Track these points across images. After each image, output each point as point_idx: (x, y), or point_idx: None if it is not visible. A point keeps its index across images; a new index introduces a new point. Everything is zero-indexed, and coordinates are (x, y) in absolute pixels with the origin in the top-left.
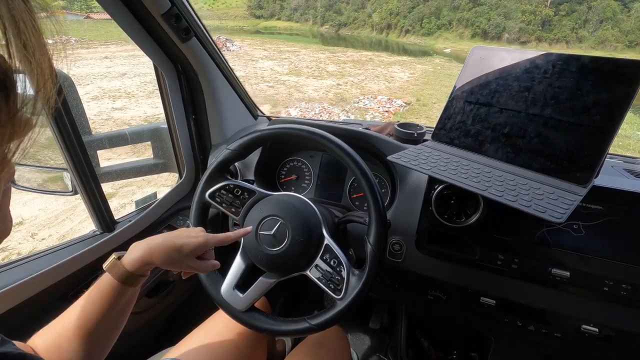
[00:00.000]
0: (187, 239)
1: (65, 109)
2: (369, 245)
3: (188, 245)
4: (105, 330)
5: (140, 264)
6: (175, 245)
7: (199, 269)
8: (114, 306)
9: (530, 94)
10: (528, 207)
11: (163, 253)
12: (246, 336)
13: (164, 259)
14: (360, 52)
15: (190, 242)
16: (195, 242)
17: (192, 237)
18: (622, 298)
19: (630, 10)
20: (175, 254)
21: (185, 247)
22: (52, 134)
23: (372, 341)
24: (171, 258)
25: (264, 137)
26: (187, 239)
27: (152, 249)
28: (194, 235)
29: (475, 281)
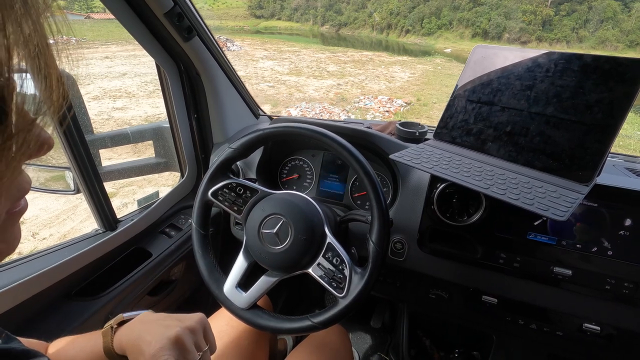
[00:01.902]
0: (154, 350)
1: (68, 108)
2: (371, 243)
3: (144, 354)
4: None
5: (123, 350)
6: (141, 352)
7: None
8: None
9: (532, 92)
10: (530, 205)
11: (134, 353)
12: (248, 334)
13: (131, 358)
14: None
15: (154, 353)
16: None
17: (159, 352)
18: (624, 296)
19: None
20: (135, 356)
21: (142, 354)
22: (55, 133)
23: (373, 340)
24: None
25: (267, 135)
26: (157, 352)
27: (132, 337)
28: (162, 348)
29: (477, 280)
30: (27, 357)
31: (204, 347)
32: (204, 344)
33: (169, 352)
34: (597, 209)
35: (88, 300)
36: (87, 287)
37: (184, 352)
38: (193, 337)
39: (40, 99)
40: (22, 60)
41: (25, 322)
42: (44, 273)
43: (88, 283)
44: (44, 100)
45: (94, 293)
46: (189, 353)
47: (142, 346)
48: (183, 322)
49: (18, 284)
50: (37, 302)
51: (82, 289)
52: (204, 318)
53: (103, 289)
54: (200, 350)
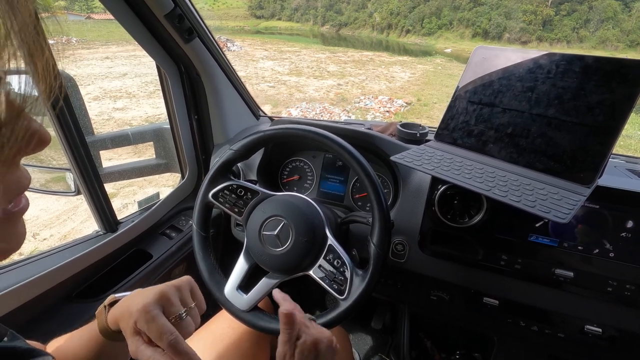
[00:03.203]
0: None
1: (68, 109)
2: (372, 245)
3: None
4: None
5: (117, 323)
6: (128, 312)
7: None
8: (99, 356)
9: (534, 94)
10: (532, 208)
11: (121, 320)
12: (249, 336)
13: (122, 327)
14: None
15: (134, 314)
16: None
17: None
18: (625, 298)
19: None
20: (125, 323)
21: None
22: (55, 134)
23: (374, 341)
24: (124, 328)
25: (267, 137)
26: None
27: (123, 307)
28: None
29: (479, 281)
30: (31, 355)
31: (191, 304)
32: (191, 301)
33: (153, 306)
34: (598, 210)
35: (89, 302)
36: (87, 289)
37: (169, 306)
38: (178, 294)
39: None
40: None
41: (27, 324)
42: (44, 275)
43: (89, 285)
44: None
45: (95, 295)
46: (174, 306)
47: (131, 307)
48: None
49: (19, 286)
50: (39, 304)
51: (83, 291)
52: (191, 279)
53: (104, 290)
54: (187, 306)
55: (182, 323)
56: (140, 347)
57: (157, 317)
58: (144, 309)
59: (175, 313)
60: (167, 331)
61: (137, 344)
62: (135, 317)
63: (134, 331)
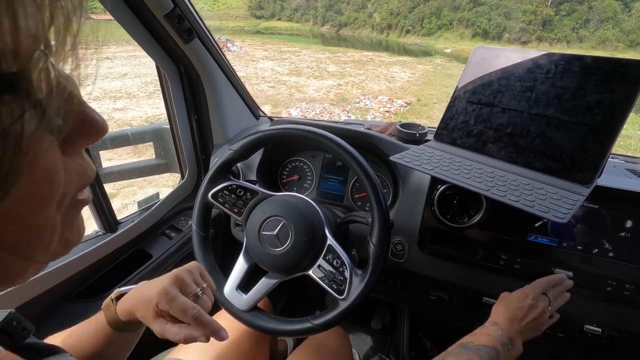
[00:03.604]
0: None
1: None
2: (371, 245)
3: (152, 301)
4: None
5: (128, 315)
6: (144, 300)
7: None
8: (108, 348)
9: (533, 94)
10: (531, 208)
11: (139, 308)
12: (249, 336)
13: (141, 318)
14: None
15: (153, 295)
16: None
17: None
18: (625, 298)
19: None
20: (145, 310)
21: (150, 302)
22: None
23: (374, 341)
24: (144, 317)
25: (267, 137)
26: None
27: (134, 298)
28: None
29: (478, 281)
30: (51, 352)
31: (203, 285)
32: (202, 282)
33: (171, 287)
34: (598, 210)
35: (88, 302)
36: (87, 289)
37: (185, 287)
38: (191, 276)
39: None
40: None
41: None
42: (44, 275)
43: (88, 285)
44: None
45: (94, 295)
46: (189, 287)
47: (147, 294)
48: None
49: (19, 286)
50: (38, 304)
51: (83, 291)
52: (199, 264)
53: (103, 290)
54: (200, 286)
55: (199, 300)
56: (165, 326)
57: (177, 296)
58: (163, 291)
59: (191, 292)
60: (190, 306)
61: (162, 324)
62: (156, 300)
63: (156, 314)
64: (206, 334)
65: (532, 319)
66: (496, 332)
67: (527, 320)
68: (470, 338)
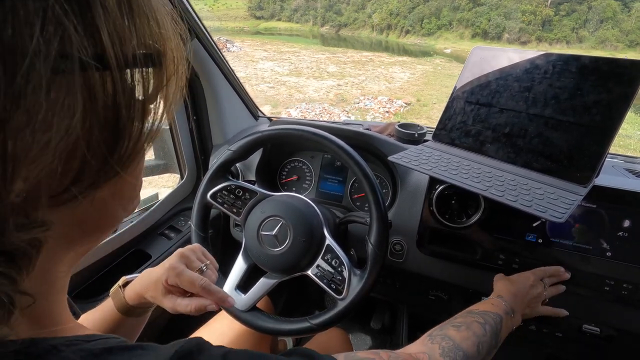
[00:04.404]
0: (159, 272)
1: None
2: (370, 245)
3: (160, 280)
4: None
5: (138, 298)
6: (152, 280)
7: (178, 309)
8: (116, 332)
9: (531, 94)
10: (529, 207)
11: (148, 289)
12: (248, 336)
13: (151, 299)
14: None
15: (160, 274)
16: (161, 275)
17: (161, 268)
18: (623, 298)
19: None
20: (154, 290)
21: (159, 282)
22: None
23: (373, 341)
24: (154, 297)
25: (266, 137)
26: (159, 271)
27: (144, 282)
28: (163, 265)
29: (477, 281)
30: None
31: (206, 261)
32: (205, 260)
33: (178, 263)
34: (595, 210)
35: (88, 303)
36: (86, 290)
37: (190, 263)
38: (194, 254)
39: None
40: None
41: None
42: None
43: (87, 285)
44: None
45: (93, 295)
46: (194, 262)
47: (156, 274)
48: None
49: None
50: None
51: (82, 292)
52: (200, 245)
53: (102, 291)
54: (203, 262)
55: (205, 274)
56: (176, 301)
57: (185, 270)
58: (171, 267)
59: (196, 268)
60: (197, 278)
61: (172, 300)
62: (165, 276)
63: (166, 291)
64: (215, 302)
65: (532, 297)
66: (500, 303)
67: (528, 298)
68: (475, 306)
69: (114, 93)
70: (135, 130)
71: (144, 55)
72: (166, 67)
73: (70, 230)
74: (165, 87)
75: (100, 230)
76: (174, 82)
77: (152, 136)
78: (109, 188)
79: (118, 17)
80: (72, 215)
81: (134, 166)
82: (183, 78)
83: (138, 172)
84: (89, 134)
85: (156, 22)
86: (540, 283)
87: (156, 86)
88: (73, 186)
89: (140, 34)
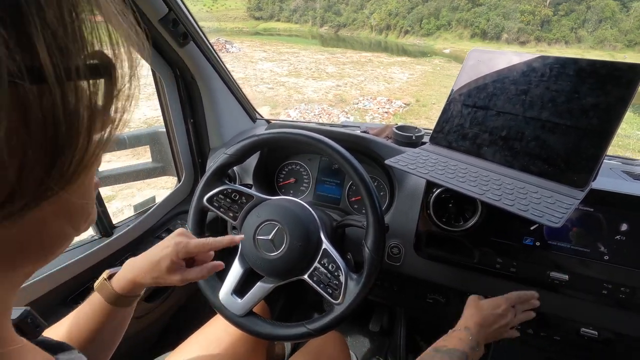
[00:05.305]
0: (161, 253)
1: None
2: (366, 249)
3: (164, 259)
4: (99, 346)
5: (131, 286)
6: (152, 263)
7: (189, 278)
8: (106, 325)
9: (528, 97)
10: (525, 212)
11: (147, 273)
12: (245, 341)
13: (151, 280)
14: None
15: (164, 254)
16: (166, 254)
17: (164, 249)
18: (620, 301)
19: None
20: (157, 272)
21: (161, 262)
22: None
23: (372, 344)
24: (156, 278)
25: (262, 141)
26: (161, 252)
27: (139, 270)
28: (164, 246)
29: (474, 284)
30: (62, 349)
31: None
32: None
33: (181, 239)
34: (593, 213)
35: None
36: (83, 294)
37: (189, 236)
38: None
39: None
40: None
41: None
42: (39, 280)
43: (84, 290)
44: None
45: None
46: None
47: (155, 256)
48: None
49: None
50: (33, 309)
51: (78, 296)
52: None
53: None
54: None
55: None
56: (183, 273)
57: (191, 240)
58: (177, 243)
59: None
60: (204, 240)
61: (180, 273)
62: (173, 253)
63: (169, 270)
64: (229, 243)
65: (498, 327)
66: (467, 337)
67: (494, 328)
68: (443, 342)
69: (52, 108)
70: (79, 146)
71: (90, 67)
72: (118, 77)
73: (8, 250)
74: (116, 98)
75: (46, 251)
76: (128, 91)
77: (100, 151)
78: (50, 207)
79: (58, 27)
80: (8, 235)
81: (79, 183)
82: (137, 86)
83: (85, 189)
84: (21, 152)
85: (106, 30)
86: (511, 310)
87: (106, 97)
88: (4, 206)
89: (85, 43)
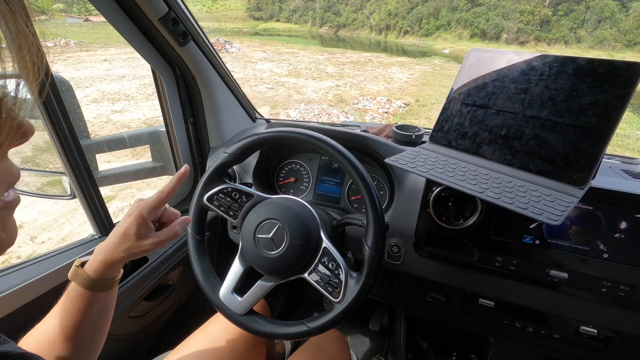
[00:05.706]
0: (125, 223)
1: (62, 113)
2: (366, 248)
3: (130, 227)
4: (87, 333)
5: (104, 267)
6: (119, 235)
7: (161, 239)
8: (89, 312)
9: (527, 95)
10: (525, 210)
11: (118, 247)
12: (245, 339)
13: (123, 253)
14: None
15: (129, 222)
16: (132, 221)
17: (127, 217)
18: (620, 299)
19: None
20: (127, 242)
21: (128, 230)
22: (50, 138)
23: (372, 343)
24: (128, 248)
25: (262, 140)
26: (125, 222)
27: (108, 248)
28: (127, 214)
29: (474, 283)
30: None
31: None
32: None
33: (137, 202)
34: (592, 212)
35: None
36: None
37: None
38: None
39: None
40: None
41: (22, 328)
42: (40, 279)
43: None
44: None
45: None
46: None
47: (122, 228)
48: None
49: (14, 291)
50: (34, 308)
51: None
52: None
53: None
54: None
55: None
56: (153, 237)
57: (148, 198)
58: (137, 206)
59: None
60: (159, 190)
61: (150, 237)
62: (139, 211)
63: (138, 237)
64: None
65: None
66: None
67: None
68: None
69: None
70: None
71: None
72: None
73: None
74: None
75: None
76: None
77: None
78: None
79: None
80: None
81: None
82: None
83: None
84: None
85: None
86: None
87: None
88: None
89: None
